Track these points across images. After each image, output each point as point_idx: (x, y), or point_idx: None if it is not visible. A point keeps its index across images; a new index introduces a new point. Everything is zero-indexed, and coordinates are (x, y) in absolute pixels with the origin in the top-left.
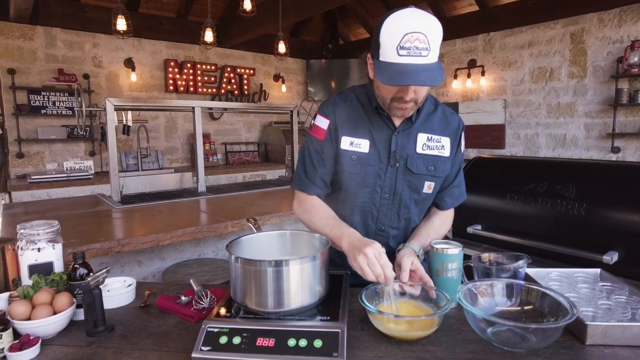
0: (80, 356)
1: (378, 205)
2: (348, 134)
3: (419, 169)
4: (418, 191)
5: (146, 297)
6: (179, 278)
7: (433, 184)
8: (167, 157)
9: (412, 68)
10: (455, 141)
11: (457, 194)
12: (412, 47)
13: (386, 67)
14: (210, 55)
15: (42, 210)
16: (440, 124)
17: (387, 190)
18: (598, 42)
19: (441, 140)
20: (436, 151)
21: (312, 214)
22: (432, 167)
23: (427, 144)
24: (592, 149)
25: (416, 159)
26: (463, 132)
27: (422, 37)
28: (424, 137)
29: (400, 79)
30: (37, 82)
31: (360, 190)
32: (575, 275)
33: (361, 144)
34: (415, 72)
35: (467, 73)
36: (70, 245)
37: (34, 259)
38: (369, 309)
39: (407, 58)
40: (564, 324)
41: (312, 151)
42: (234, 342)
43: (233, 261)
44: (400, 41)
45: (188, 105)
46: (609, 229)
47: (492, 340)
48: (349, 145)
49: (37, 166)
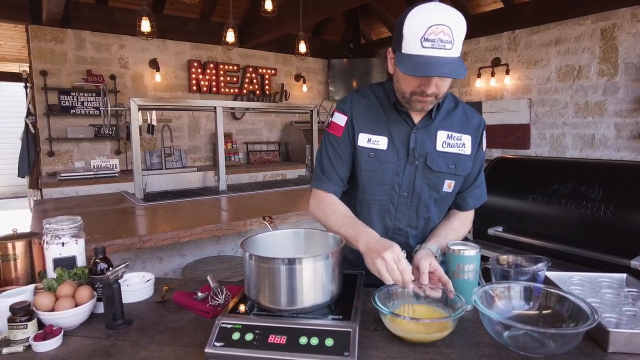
0: (100, 347)
1: (396, 203)
2: (365, 131)
3: (439, 167)
4: (438, 190)
5: (164, 292)
6: (198, 275)
7: (453, 183)
8: (190, 156)
9: (435, 60)
10: (477, 139)
11: (478, 194)
12: (437, 40)
13: (409, 58)
14: (233, 56)
15: (69, 206)
16: (461, 121)
17: (405, 188)
18: (630, 38)
19: (462, 138)
20: (457, 149)
21: (327, 213)
22: (452, 166)
23: (447, 142)
24: (623, 149)
25: (436, 156)
26: (484, 131)
27: (446, 29)
28: (444, 135)
29: (424, 70)
30: (67, 83)
31: (378, 188)
32: (599, 280)
33: (379, 140)
34: (439, 64)
35: (490, 72)
36: (94, 241)
37: (59, 253)
38: (382, 311)
39: (431, 50)
40: (585, 329)
41: (329, 149)
42: (246, 338)
43: (247, 258)
44: (424, 33)
45: (210, 105)
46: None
47: (508, 345)
48: (367, 142)
49: (66, 164)
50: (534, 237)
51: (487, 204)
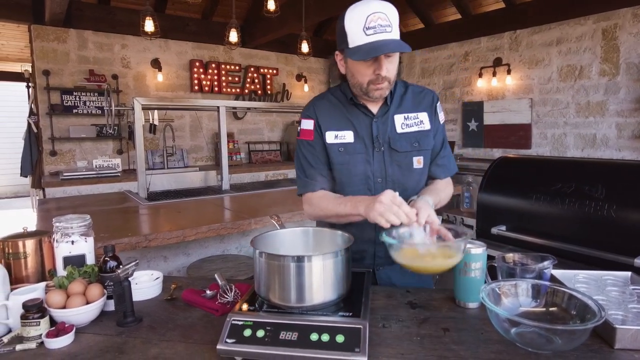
0: (111, 344)
1: (373, 191)
2: (331, 129)
3: (403, 147)
4: (409, 168)
5: (172, 290)
6: (203, 273)
7: (422, 158)
8: (192, 156)
9: (381, 42)
10: (433, 114)
11: (446, 164)
12: (377, 25)
13: (358, 48)
14: (234, 56)
15: (73, 205)
16: (414, 102)
17: (378, 174)
18: (632, 38)
19: (418, 116)
20: (416, 127)
21: (321, 205)
22: (416, 143)
23: (405, 123)
24: (625, 149)
25: (398, 138)
26: (439, 104)
27: (383, 16)
28: (400, 118)
29: (375, 51)
30: (70, 82)
31: (353, 179)
32: (604, 278)
33: (345, 135)
34: (385, 44)
35: (492, 72)
36: (99, 240)
37: (68, 251)
38: (389, 242)
39: (374, 36)
40: (592, 325)
41: (305, 153)
42: (257, 335)
43: (257, 256)
44: (365, 22)
45: (213, 104)
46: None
47: (516, 341)
48: (334, 139)
49: (68, 164)
50: (537, 236)
51: (490, 203)
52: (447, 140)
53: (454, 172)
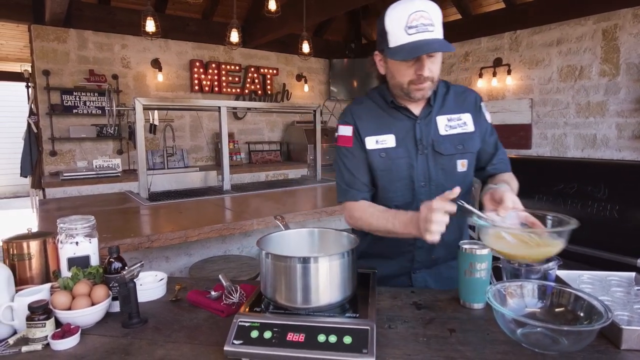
0: (117, 346)
1: (416, 195)
2: (371, 134)
3: (448, 149)
4: (453, 172)
5: (177, 291)
6: (205, 274)
7: (466, 161)
8: (192, 156)
9: (424, 42)
10: (477, 115)
11: (504, 159)
12: (419, 25)
13: (399, 48)
14: (235, 56)
15: (74, 206)
16: (456, 102)
17: (421, 178)
18: (632, 38)
19: (461, 117)
20: (459, 129)
21: (365, 218)
22: (460, 146)
23: (448, 125)
24: (625, 149)
25: (442, 141)
26: (483, 103)
27: (425, 14)
28: (443, 119)
29: (417, 51)
30: (70, 82)
31: (395, 184)
32: (609, 279)
33: (386, 139)
34: (428, 44)
35: (492, 72)
36: (102, 240)
37: (73, 252)
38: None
39: (417, 35)
40: (599, 327)
41: (345, 161)
42: (265, 336)
43: (264, 257)
44: (407, 22)
45: (214, 105)
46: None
47: (522, 342)
48: (375, 144)
49: (68, 164)
50: None
51: None
52: (499, 141)
53: (510, 167)
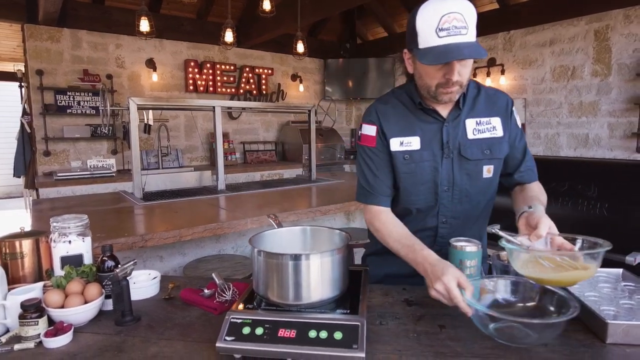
0: (110, 344)
1: (439, 199)
2: (396, 135)
3: (474, 154)
4: (478, 177)
5: (170, 289)
6: (199, 273)
7: (492, 167)
8: (187, 156)
9: (454, 46)
10: (507, 119)
11: (532, 167)
12: (451, 27)
13: (429, 50)
14: (229, 56)
15: (68, 206)
16: (487, 105)
17: (445, 182)
18: (623, 39)
19: (491, 121)
20: (488, 134)
21: (384, 234)
22: (487, 151)
23: (477, 129)
24: (616, 149)
25: (469, 145)
26: (514, 108)
27: (459, 16)
28: (472, 122)
29: (446, 56)
30: (63, 82)
31: (418, 187)
32: (597, 275)
33: (411, 142)
34: (459, 49)
35: (486, 72)
36: (96, 240)
37: (66, 251)
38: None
39: (447, 38)
40: (567, 318)
41: (367, 161)
42: (256, 332)
43: (256, 254)
44: (438, 23)
45: (209, 104)
46: (633, 230)
47: (494, 336)
48: (399, 146)
49: (62, 164)
50: None
51: None
52: (527, 147)
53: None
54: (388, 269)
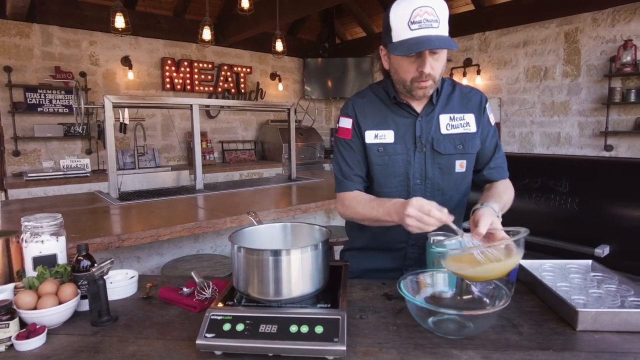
0: (87, 344)
1: (411, 192)
2: (371, 128)
3: (447, 149)
4: (450, 172)
5: (148, 289)
6: (178, 274)
7: (465, 162)
8: (164, 156)
9: (425, 38)
10: (480, 116)
11: (501, 164)
12: (423, 20)
13: (401, 43)
14: (207, 54)
15: (40, 206)
16: (461, 101)
17: (418, 176)
18: (592, 41)
19: (465, 117)
20: (461, 129)
21: (354, 206)
22: (460, 146)
23: (450, 124)
24: (586, 147)
25: (442, 140)
26: (488, 105)
27: (430, 10)
28: (446, 118)
29: (417, 47)
30: (34, 80)
31: (392, 180)
32: (568, 267)
33: (385, 135)
34: (430, 40)
35: (462, 72)
36: (70, 240)
37: (38, 251)
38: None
39: (419, 31)
40: (500, 309)
41: (343, 152)
42: (237, 329)
43: (236, 251)
44: (410, 17)
45: (186, 102)
46: (601, 223)
47: (433, 330)
48: (374, 138)
49: (33, 164)
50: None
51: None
52: (500, 144)
53: (507, 174)
54: (367, 264)
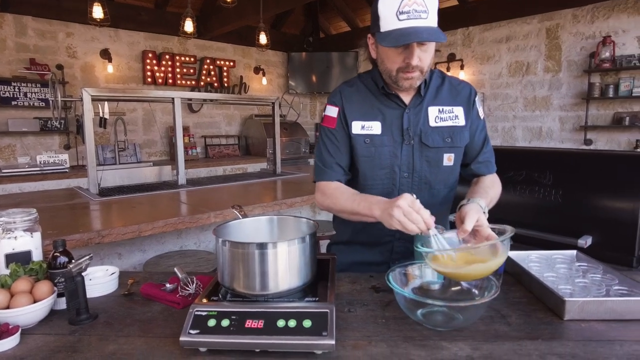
0: (64, 344)
1: (398, 185)
2: (358, 118)
3: (435, 142)
4: (438, 165)
5: (129, 285)
6: (160, 270)
7: (453, 155)
8: (145, 151)
9: (413, 29)
10: (470, 109)
11: (489, 158)
12: (412, 11)
13: (388, 34)
14: (189, 47)
15: (15, 203)
16: (450, 94)
17: (405, 168)
18: (572, 37)
19: (454, 110)
20: (450, 122)
21: (335, 197)
22: (448, 139)
23: (439, 116)
24: (567, 141)
25: (430, 132)
26: (477, 98)
27: (419, 0)
28: (435, 110)
29: (405, 38)
30: (7, 72)
31: (378, 172)
32: (554, 257)
33: (372, 126)
34: (418, 32)
35: (446, 67)
36: (47, 237)
37: (11, 248)
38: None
39: (407, 22)
40: (489, 300)
41: (326, 141)
42: (222, 324)
43: (220, 245)
44: (399, 6)
45: (168, 96)
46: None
47: (422, 322)
48: (361, 129)
49: (7, 160)
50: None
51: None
52: (489, 138)
53: (495, 169)
54: (354, 257)
